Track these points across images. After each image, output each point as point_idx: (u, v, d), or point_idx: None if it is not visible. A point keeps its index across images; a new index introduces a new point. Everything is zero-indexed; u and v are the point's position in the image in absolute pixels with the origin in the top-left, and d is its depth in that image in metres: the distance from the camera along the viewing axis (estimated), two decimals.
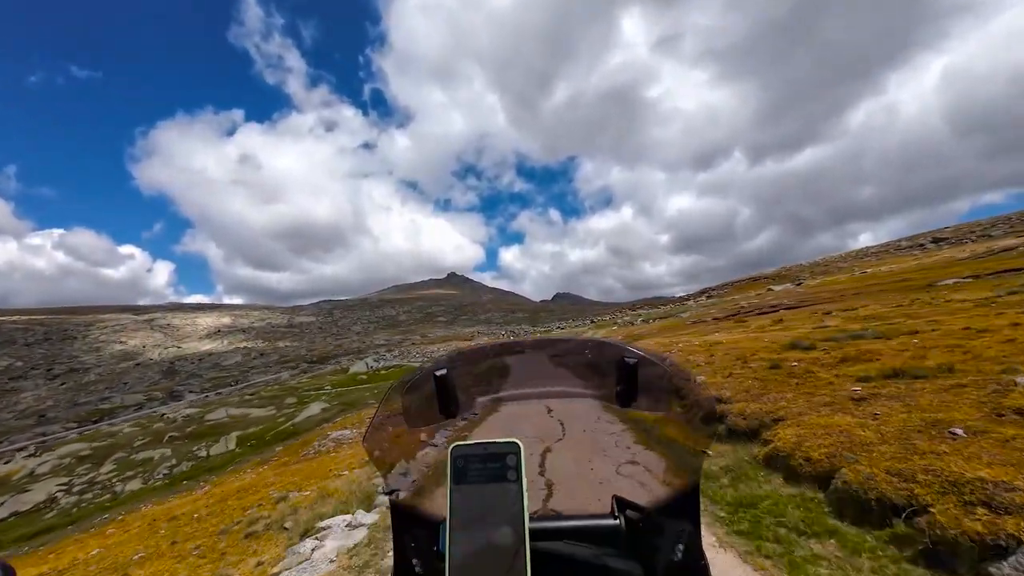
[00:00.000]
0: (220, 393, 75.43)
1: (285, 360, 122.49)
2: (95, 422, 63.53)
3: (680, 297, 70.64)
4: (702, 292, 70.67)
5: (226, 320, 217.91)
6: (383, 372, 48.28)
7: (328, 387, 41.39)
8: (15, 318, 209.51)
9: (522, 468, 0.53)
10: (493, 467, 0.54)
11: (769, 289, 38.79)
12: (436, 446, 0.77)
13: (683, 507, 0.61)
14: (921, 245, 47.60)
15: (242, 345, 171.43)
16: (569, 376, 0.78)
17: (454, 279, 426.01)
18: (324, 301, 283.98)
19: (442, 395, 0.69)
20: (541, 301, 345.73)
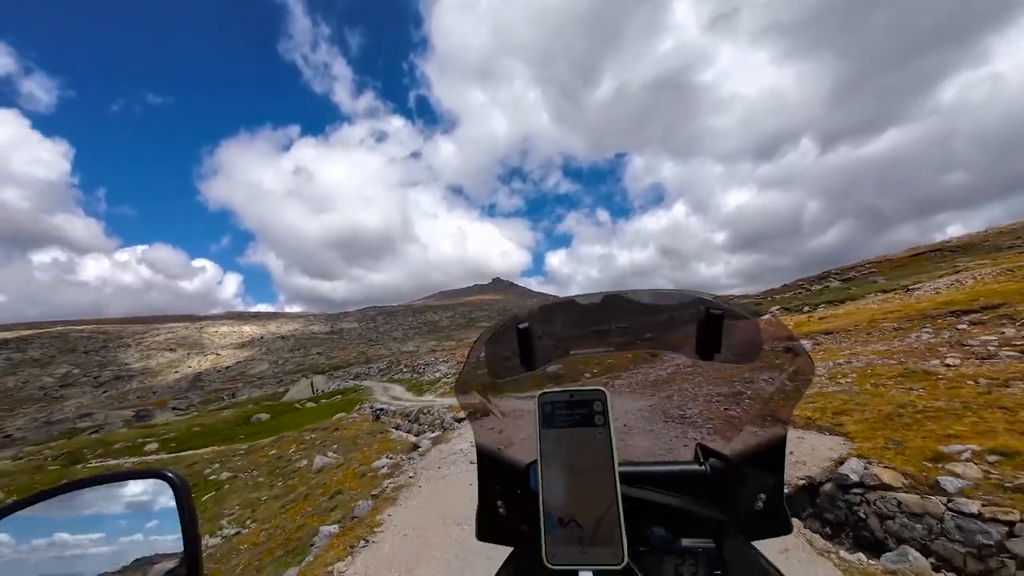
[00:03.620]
0: (188, 407, 60.80)
1: (300, 370, 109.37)
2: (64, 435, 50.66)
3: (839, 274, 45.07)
4: (822, 276, 46.42)
5: (271, 327, 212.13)
6: (316, 404, 28.47)
7: (152, 444, 21.10)
8: (82, 328, 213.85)
9: (609, 414, 0.53)
10: (580, 412, 0.54)
11: None
12: (520, 395, 0.77)
13: (768, 458, 0.60)
14: None
15: (276, 353, 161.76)
16: (650, 328, 0.76)
17: (499, 284, 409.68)
18: (369, 307, 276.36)
19: (524, 347, 0.68)
20: None
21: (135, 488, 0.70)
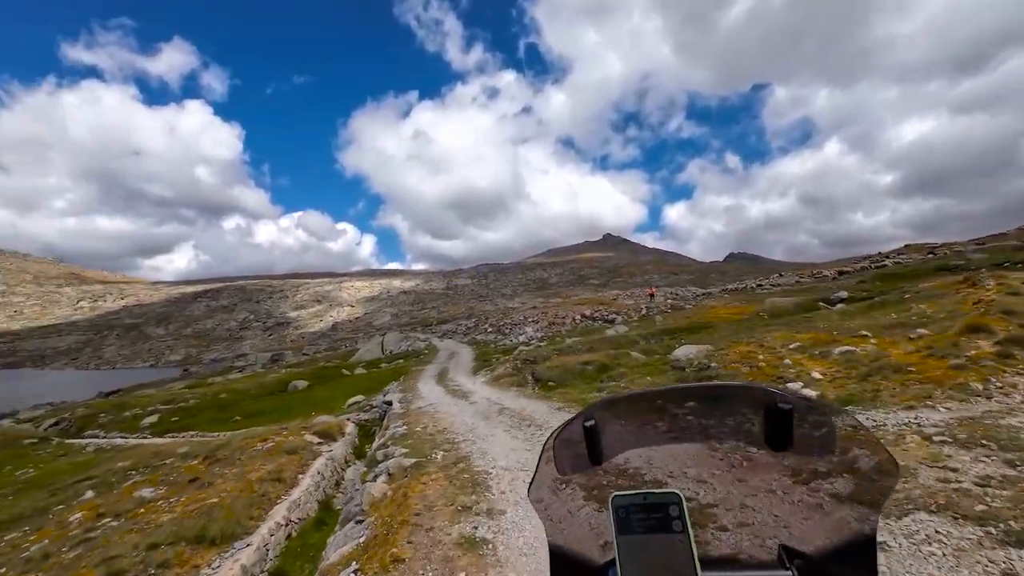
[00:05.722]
0: (315, 353, 63.87)
1: (414, 322, 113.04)
2: (225, 371, 57.27)
3: None
4: None
5: (396, 283, 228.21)
6: (366, 371, 23.29)
7: (152, 418, 16.93)
8: (256, 282, 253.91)
9: (686, 518, 0.50)
10: (656, 517, 0.51)
11: None
12: (589, 492, 0.77)
13: (857, 558, 0.57)
14: None
15: (398, 307, 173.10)
16: (717, 421, 0.74)
17: (610, 240, 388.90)
18: (482, 265, 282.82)
19: (590, 444, 0.68)
20: (711, 262, 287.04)
21: None
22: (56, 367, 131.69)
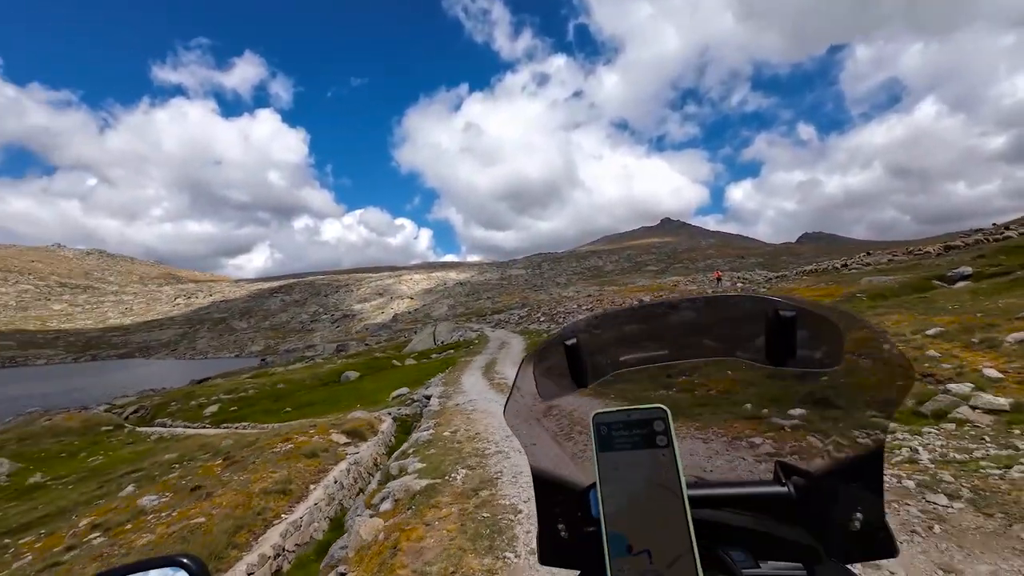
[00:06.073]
0: (375, 344, 66.27)
1: (469, 312, 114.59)
2: (296, 361, 61.60)
3: None
4: None
5: (452, 275, 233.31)
6: (416, 362, 23.04)
7: (213, 407, 17.61)
8: (323, 277, 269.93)
9: (672, 432, 0.48)
10: (639, 433, 0.49)
11: None
12: (574, 415, 0.72)
13: (861, 472, 0.54)
14: None
15: (454, 298, 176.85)
16: (712, 335, 0.67)
17: (668, 225, 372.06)
18: (536, 254, 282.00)
19: (573, 364, 0.64)
20: (782, 244, 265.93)
21: None
22: (159, 357, 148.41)
